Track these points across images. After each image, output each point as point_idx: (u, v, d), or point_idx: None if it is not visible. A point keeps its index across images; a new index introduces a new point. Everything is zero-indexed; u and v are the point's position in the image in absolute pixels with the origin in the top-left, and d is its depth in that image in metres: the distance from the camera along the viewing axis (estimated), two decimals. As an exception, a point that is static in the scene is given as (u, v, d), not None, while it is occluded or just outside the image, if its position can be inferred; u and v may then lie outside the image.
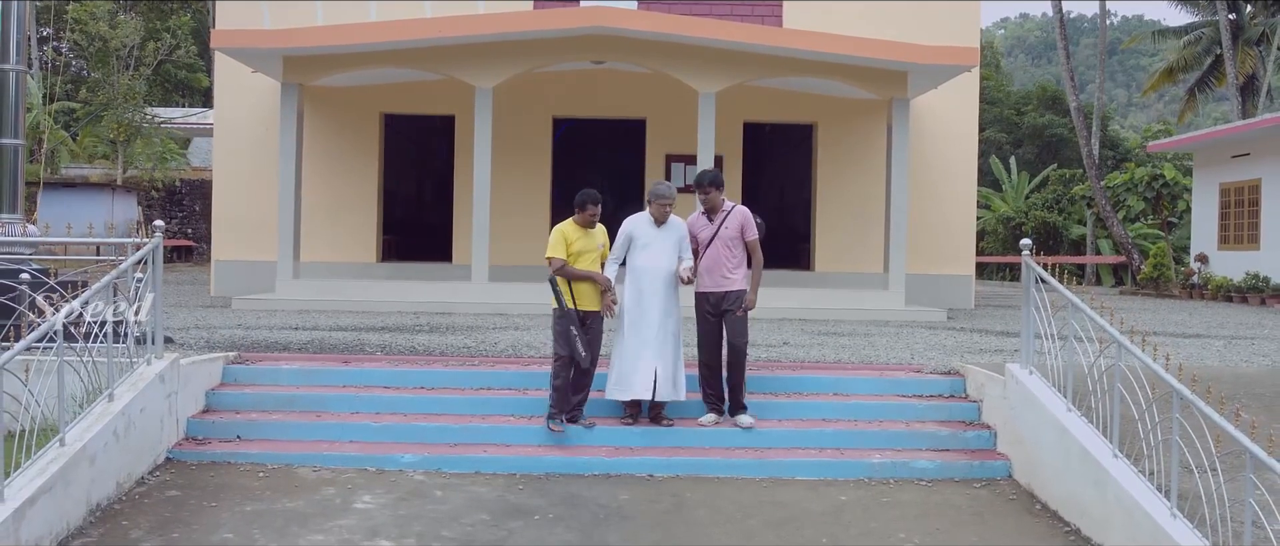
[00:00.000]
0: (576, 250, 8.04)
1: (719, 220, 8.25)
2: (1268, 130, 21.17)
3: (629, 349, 8.12)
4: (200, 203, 31.65)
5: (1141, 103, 78.33)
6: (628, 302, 8.17)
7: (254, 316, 13.51)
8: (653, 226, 8.22)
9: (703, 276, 8.26)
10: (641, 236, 8.20)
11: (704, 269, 8.25)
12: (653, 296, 8.12)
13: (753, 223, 8.28)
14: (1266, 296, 20.30)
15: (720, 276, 8.19)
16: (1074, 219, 35.92)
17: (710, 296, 8.24)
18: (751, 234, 8.25)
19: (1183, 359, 10.30)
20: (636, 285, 8.16)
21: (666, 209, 8.20)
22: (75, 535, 6.27)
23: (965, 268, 19.02)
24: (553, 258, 8.05)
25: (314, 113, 17.74)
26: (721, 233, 8.20)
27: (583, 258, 8.08)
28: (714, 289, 8.21)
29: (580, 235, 8.10)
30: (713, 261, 8.21)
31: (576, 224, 8.13)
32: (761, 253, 8.33)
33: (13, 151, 9.65)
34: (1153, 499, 6.09)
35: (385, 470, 7.73)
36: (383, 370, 9.14)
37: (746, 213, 8.30)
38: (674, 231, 8.26)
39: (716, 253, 8.20)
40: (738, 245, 8.22)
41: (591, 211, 8.12)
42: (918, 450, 8.23)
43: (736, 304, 8.16)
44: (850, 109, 18.26)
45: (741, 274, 8.22)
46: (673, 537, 6.58)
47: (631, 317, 8.13)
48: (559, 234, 8.10)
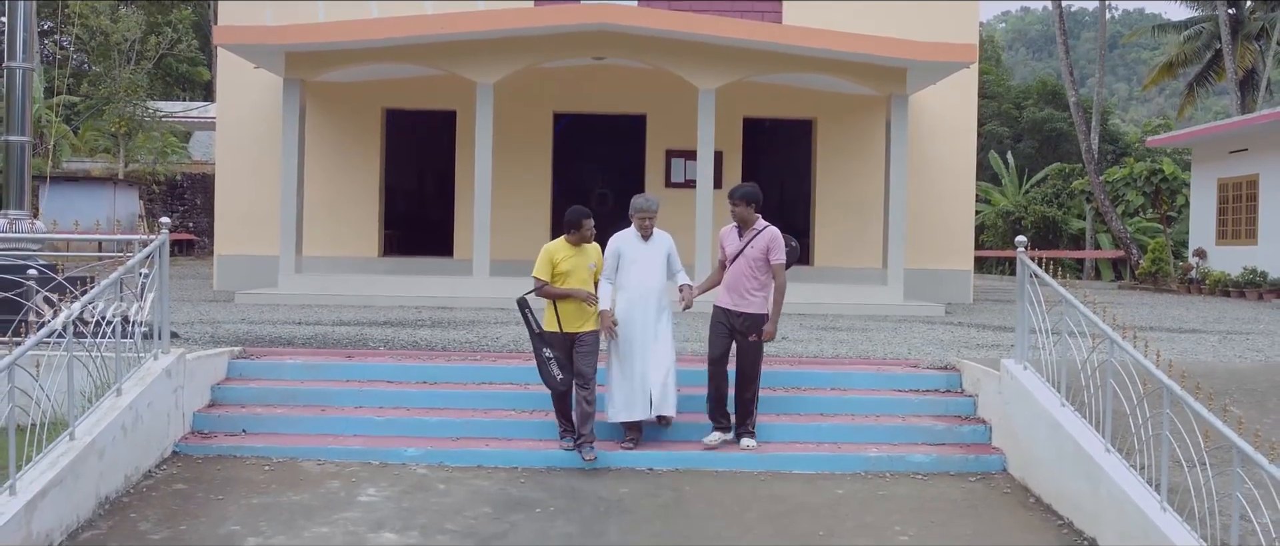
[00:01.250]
0: (564, 269, 7.80)
1: (748, 237, 7.98)
2: (1265, 126, 21.27)
3: (624, 370, 7.92)
4: (201, 196, 31.77)
5: (1142, 96, 78.36)
6: (620, 321, 7.95)
7: (257, 311, 13.62)
8: (639, 242, 8.05)
9: (723, 291, 8.07)
10: (628, 253, 8.01)
11: (726, 284, 8.05)
12: (644, 314, 7.92)
13: (781, 246, 8.00)
14: (1264, 291, 20.40)
15: (740, 295, 7.96)
16: (1073, 213, 36.03)
17: (729, 313, 8.02)
18: (777, 257, 7.96)
19: (1178, 354, 10.42)
20: (627, 304, 7.95)
21: (647, 222, 8.01)
22: (85, 527, 6.38)
23: (964, 262, 19.13)
24: (537, 278, 7.88)
25: (316, 108, 17.83)
26: (748, 251, 7.95)
27: (572, 277, 7.82)
28: (732, 307, 7.99)
29: (570, 254, 7.86)
30: (735, 278, 7.99)
31: (568, 243, 7.92)
32: (785, 278, 8.05)
33: (20, 148, 9.76)
34: (1143, 493, 6.20)
35: (389, 463, 7.84)
36: (385, 365, 9.25)
37: (776, 235, 8.00)
38: (661, 245, 8.09)
39: (740, 270, 7.97)
40: (763, 266, 7.94)
41: (584, 230, 7.92)
42: (914, 444, 8.34)
43: (753, 328, 7.95)
44: (849, 105, 18.35)
45: (763, 297, 7.98)
46: (672, 530, 6.69)
47: (625, 336, 7.92)
48: (545, 254, 7.89)
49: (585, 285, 7.85)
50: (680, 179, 18.34)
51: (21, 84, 9.78)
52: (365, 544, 6.29)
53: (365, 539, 6.37)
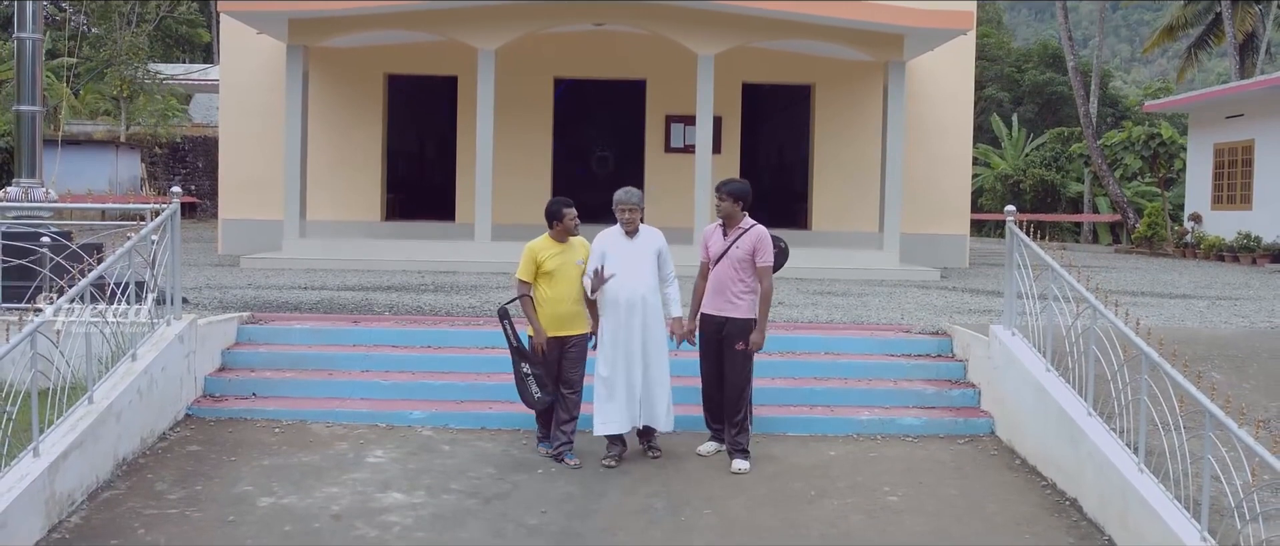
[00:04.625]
0: (550, 268, 7.29)
1: (734, 236, 7.39)
2: (1262, 92, 21.39)
3: (609, 380, 7.32)
4: (203, 159, 31.87)
5: (1145, 58, 78.02)
6: (606, 329, 7.36)
7: (263, 276, 13.84)
8: (624, 240, 7.40)
9: (708, 295, 7.48)
10: (613, 252, 7.33)
11: (711, 287, 7.45)
12: (631, 319, 7.28)
13: (768, 247, 7.40)
14: (1257, 256, 20.61)
15: (725, 300, 7.37)
16: (1072, 177, 36.14)
17: (713, 319, 7.44)
18: (763, 259, 7.34)
19: (1165, 319, 10.65)
20: (613, 309, 7.30)
21: (628, 215, 7.38)
22: (104, 487, 6.64)
23: (960, 227, 19.32)
24: (521, 280, 7.40)
25: (319, 74, 17.95)
26: (732, 251, 7.35)
27: (558, 276, 7.31)
28: (716, 312, 7.41)
29: (555, 251, 7.35)
30: (720, 280, 7.40)
31: (552, 239, 7.41)
32: (772, 282, 7.47)
33: (31, 117, 9.93)
34: (1122, 455, 6.44)
35: (395, 426, 8.10)
36: (391, 330, 9.48)
37: (763, 235, 7.40)
38: (649, 243, 7.43)
39: (724, 272, 7.38)
40: (748, 268, 7.33)
41: (567, 222, 7.36)
42: (905, 407, 8.59)
43: (740, 334, 7.34)
44: (848, 70, 18.46)
45: (751, 300, 7.35)
46: (669, 490, 6.95)
47: (611, 344, 7.32)
48: (528, 253, 7.37)
49: (573, 285, 7.35)
50: (680, 144, 18.48)
51: (31, 54, 9.94)
52: (374, 503, 6.55)
53: (374, 498, 6.63)
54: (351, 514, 6.36)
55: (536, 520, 6.36)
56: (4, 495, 5.54)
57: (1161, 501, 5.88)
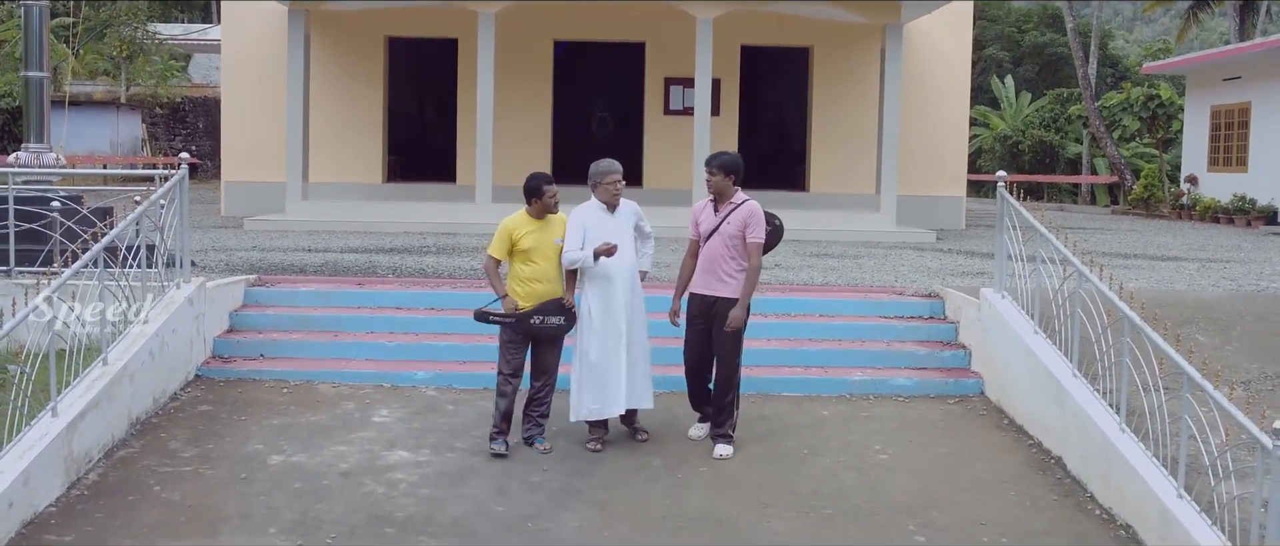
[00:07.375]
0: (526, 246, 6.96)
1: (725, 212, 7.10)
2: (1258, 54, 21.46)
3: (595, 361, 7.03)
4: (203, 120, 31.93)
5: (1147, 16, 77.69)
6: (595, 308, 7.07)
7: (267, 238, 14.00)
8: (604, 214, 7.08)
9: (698, 274, 7.18)
10: (594, 228, 7.00)
11: (701, 265, 7.16)
12: (614, 297, 7.04)
13: (761, 222, 7.07)
14: (1252, 218, 20.77)
15: (715, 278, 7.08)
16: (1071, 137, 36.20)
17: (702, 298, 7.16)
18: (754, 235, 7.02)
19: (1155, 282, 10.84)
20: (605, 285, 7.04)
21: (617, 188, 7.08)
22: (119, 446, 6.86)
23: (957, 189, 19.46)
24: (491, 257, 7.14)
25: (320, 36, 18.01)
26: (723, 227, 7.05)
27: (535, 254, 6.97)
28: (706, 291, 7.13)
29: (532, 228, 7.01)
30: (710, 258, 7.10)
31: (529, 215, 7.06)
32: (761, 260, 7.13)
33: (38, 83, 10.07)
34: (1105, 415, 6.66)
35: (399, 386, 8.32)
36: (394, 292, 9.68)
37: (755, 210, 7.10)
38: (628, 216, 7.18)
39: (715, 249, 7.07)
40: (739, 245, 7.04)
41: (546, 199, 7.02)
42: (897, 368, 8.80)
43: (728, 313, 7.05)
44: (846, 32, 18.51)
45: (742, 279, 7.05)
46: (665, 448, 7.18)
47: (594, 324, 7.04)
48: (503, 230, 7.05)
49: (551, 262, 7.00)
50: (678, 106, 18.55)
51: (38, 20, 10.06)
52: (380, 461, 6.78)
53: (380, 456, 6.86)
54: (359, 471, 6.58)
55: (538, 477, 6.59)
56: (25, 453, 5.75)
57: (1141, 460, 6.10)
